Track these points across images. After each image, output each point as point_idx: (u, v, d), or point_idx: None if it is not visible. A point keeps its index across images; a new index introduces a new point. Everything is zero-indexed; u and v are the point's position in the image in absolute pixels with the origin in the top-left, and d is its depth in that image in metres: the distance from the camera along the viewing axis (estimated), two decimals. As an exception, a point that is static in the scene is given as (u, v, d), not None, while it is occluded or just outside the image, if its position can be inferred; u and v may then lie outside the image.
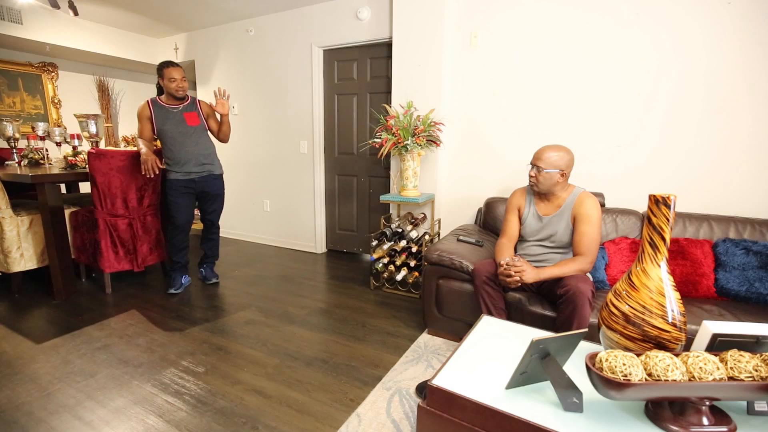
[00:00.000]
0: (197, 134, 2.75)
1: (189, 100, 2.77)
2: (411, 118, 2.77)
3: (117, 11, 3.84)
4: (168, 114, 2.67)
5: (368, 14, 3.26)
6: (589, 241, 1.76)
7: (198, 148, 2.75)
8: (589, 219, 1.77)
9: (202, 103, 2.82)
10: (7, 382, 1.81)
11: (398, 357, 2.05)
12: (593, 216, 1.77)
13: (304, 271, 3.44)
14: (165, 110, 2.68)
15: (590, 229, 1.76)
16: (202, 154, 2.78)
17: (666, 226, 0.94)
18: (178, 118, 2.68)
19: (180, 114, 2.69)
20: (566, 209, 1.85)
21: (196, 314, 2.54)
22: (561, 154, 1.81)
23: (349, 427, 1.54)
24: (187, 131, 2.71)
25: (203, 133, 2.80)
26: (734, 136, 2.20)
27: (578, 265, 1.74)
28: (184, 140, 2.70)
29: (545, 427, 0.84)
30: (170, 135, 2.67)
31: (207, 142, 2.83)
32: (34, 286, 2.97)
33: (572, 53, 2.52)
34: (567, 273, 1.73)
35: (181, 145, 2.70)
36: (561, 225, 1.87)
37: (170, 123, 2.67)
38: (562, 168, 1.81)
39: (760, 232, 2.01)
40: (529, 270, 1.73)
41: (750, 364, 0.80)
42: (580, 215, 1.79)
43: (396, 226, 2.89)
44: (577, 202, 1.82)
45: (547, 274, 1.74)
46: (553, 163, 1.80)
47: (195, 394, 1.73)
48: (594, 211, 1.77)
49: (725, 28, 2.15)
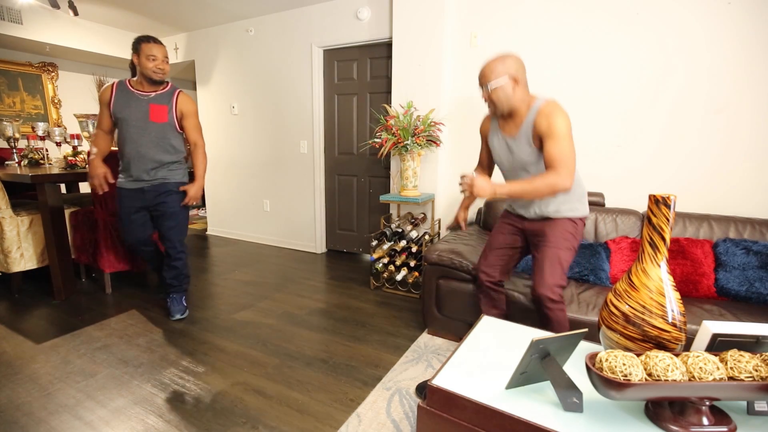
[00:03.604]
0: (159, 134, 2.21)
1: (166, 90, 2.24)
2: (411, 118, 2.77)
3: (117, 11, 3.84)
4: (131, 100, 2.16)
5: (368, 14, 3.26)
6: (558, 153, 1.46)
7: (154, 151, 2.21)
8: (551, 134, 1.47)
9: (182, 97, 2.27)
10: (7, 382, 1.81)
11: (398, 357, 2.04)
12: (556, 128, 1.46)
13: (304, 271, 3.44)
14: (129, 95, 2.16)
15: (556, 142, 1.46)
16: (159, 159, 2.23)
17: (666, 226, 0.93)
18: (141, 107, 2.16)
19: (146, 104, 2.17)
20: (526, 129, 1.57)
21: (195, 314, 2.53)
22: (501, 59, 1.54)
23: (349, 427, 1.54)
24: (147, 127, 2.17)
25: (169, 135, 2.25)
26: (735, 136, 2.20)
27: (549, 179, 1.45)
28: (139, 137, 2.17)
29: (545, 427, 0.84)
30: (125, 126, 2.16)
31: (171, 146, 2.26)
32: (34, 286, 2.97)
33: (572, 53, 2.52)
34: (535, 190, 1.47)
35: (133, 142, 2.17)
36: (523, 149, 1.60)
37: (129, 111, 2.15)
38: (510, 73, 1.52)
39: (760, 232, 2.01)
40: (484, 184, 1.47)
41: (750, 364, 0.80)
42: (542, 133, 1.50)
43: (396, 226, 2.89)
44: (537, 118, 1.51)
45: (506, 190, 1.49)
46: (498, 72, 1.53)
47: (195, 394, 1.73)
48: (557, 121, 1.47)
49: (727, 28, 2.15)
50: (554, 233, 1.64)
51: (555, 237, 1.63)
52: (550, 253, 1.61)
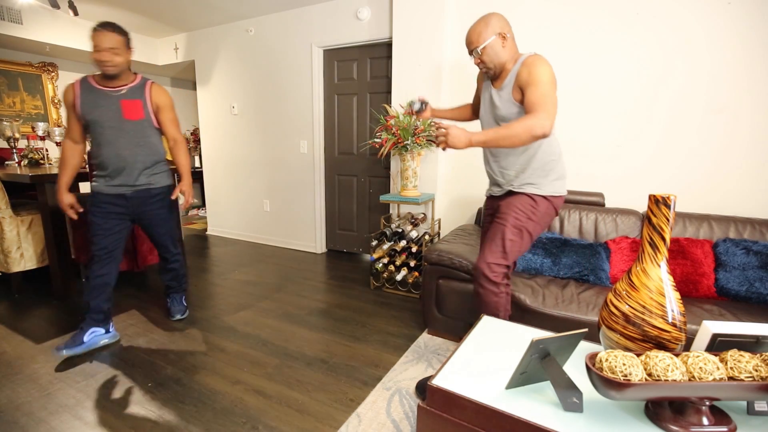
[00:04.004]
0: (138, 132, 2.01)
1: (136, 82, 2.00)
2: (411, 118, 2.77)
3: (117, 11, 3.84)
4: (99, 99, 1.93)
5: (368, 14, 3.26)
6: (537, 96, 1.37)
7: (136, 153, 2.01)
8: (532, 81, 1.40)
9: (155, 89, 2.05)
10: (7, 382, 1.81)
11: (398, 357, 2.04)
12: (537, 75, 1.39)
13: (304, 271, 3.44)
14: (96, 93, 1.93)
15: (536, 88, 1.38)
16: (142, 161, 2.04)
17: (666, 226, 0.93)
18: (113, 106, 1.94)
19: (117, 101, 1.94)
20: (509, 81, 1.51)
21: (196, 314, 2.53)
22: (485, 20, 1.50)
23: (349, 427, 1.54)
24: (124, 126, 1.97)
25: (148, 132, 2.05)
26: (735, 136, 2.20)
27: (526, 120, 1.35)
28: (116, 138, 1.97)
29: (545, 427, 0.84)
30: (98, 129, 1.95)
31: (152, 144, 2.08)
32: (34, 286, 2.97)
33: (572, 53, 2.52)
34: (511, 134, 1.36)
35: (110, 144, 1.96)
36: (505, 104, 1.53)
37: (101, 112, 1.93)
38: (497, 31, 1.49)
39: (760, 232, 2.01)
40: (459, 133, 1.40)
41: (750, 364, 0.80)
42: (523, 83, 1.43)
43: (396, 226, 2.89)
44: (520, 69, 1.46)
45: (481, 138, 1.40)
46: (485, 34, 1.49)
47: (195, 394, 1.73)
48: (538, 69, 1.40)
49: (727, 28, 2.15)
50: (507, 208, 1.56)
51: (506, 212, 1.56)
52: (495, 228, 1.55)
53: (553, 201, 1.59)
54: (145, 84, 2.03)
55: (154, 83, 2.07)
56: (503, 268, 1.54)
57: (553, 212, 1.62)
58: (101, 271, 2.06)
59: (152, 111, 2.04)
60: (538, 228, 1.58)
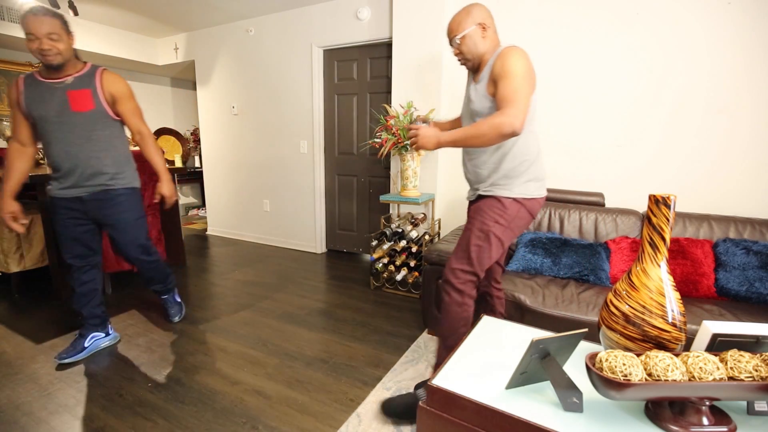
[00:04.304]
0: (88, 125, 1.77)
1: (84, 70, 1.78)
2: (411, 118, 2.77)
3: (117, 11, 3.84)
4: (43, 92, 1.73)
5: (368, 14, 3.26)
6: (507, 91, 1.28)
7: (87, 149, 1.78)
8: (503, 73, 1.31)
9: (107, 76, 1.82)
10: (7, 382, 1.81)
11: (398, 357, 2.04)
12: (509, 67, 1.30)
13: (304, 271, 3.44)
14: (40, 87, 1.73)
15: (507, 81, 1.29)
16: (96, 157, 1.80)
17: (666, 226, 0.93)
18: (59, 98, 1.73)
19: (62, 92, 1.73)
20: (485, 74, 1.42)
21: (196, 314, 2.54)
22: (466, 10, 1.44)
23: (349, 427, 1.54)
24: (72, 120, 1.74)
25: (100, 124, 1.81)
26: (735, 136, 2.20)
27: (494, 118, 1.27)
28: (64, 134, 1.75)
29: (545, 427, 0.84)
30: (45, 125, 1.74)
31: (107, 138, 1.83)
32: (34, 286, 2.97)
33: (573, 53, 2.52)
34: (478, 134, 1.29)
35: (58, 141, 1.75)
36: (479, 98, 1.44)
37: (45, 106, 1.72)
38: (477, 20, 1.42)
39: (760, 232, 2.01)
40: (429, 134, 1.38)
41: (750, 364, 0.80)
42: (496, 75, 1.34)
43: (396, 226, 2.89)
44: (495, 61, 1.37)
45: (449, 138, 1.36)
46: (465, 23, 1.43)
47: (195, 394, 1.73)
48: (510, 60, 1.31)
49: (727, 28, 2.15)
50: (475, 212, 1.49)
51: (473, 216, 1.49)
52: (463, 235, 1.50)
53: (526, 204, 1.47)
54: (95, 72, 1.80)
55: (106, 70, 1.84)
56: (469, 275, 1.46)
57: (526, 216, 1.49)
58: (83, 278, 1.96)
59: (105, 101, 1.80)
60: (509, 233, 1.47)
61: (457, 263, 1.47)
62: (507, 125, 1.25)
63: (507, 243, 1.49)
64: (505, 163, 1.46)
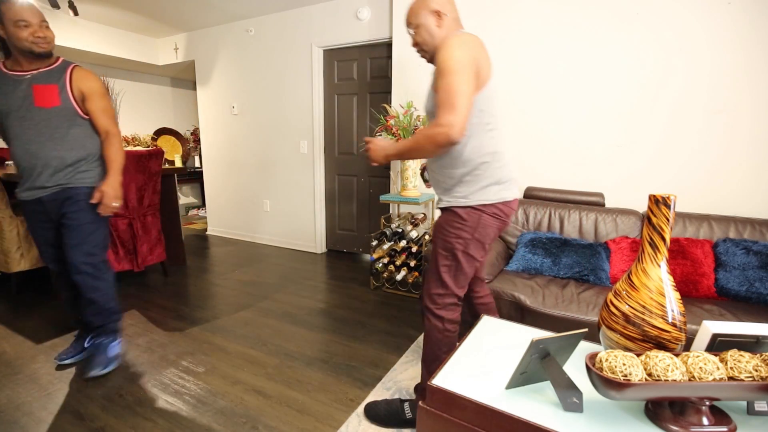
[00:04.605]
0: (51, 123, 1.66)
1: (54, 65, 1.70)
2: (411, 118, 2.77)
3: (117, 11, 3.84)
4: (6, 85, 1.64)
5: (368, 14, 3.26)
6: (441, 93, 1.15)
7: (48, 148, 1.66)
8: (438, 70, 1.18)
9: (78, 72, 1.72)
10: (7, 382, 1.81)
11: (398, 357, 2.04)
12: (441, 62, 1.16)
13: (304, 271, 3.44)
14: (4, 80, 1.64)
15: (441, 80, 1.16)
16: (57, 157, 1.68)
17: (666, 226, 0.93)
18: (22, 92, 1.63)
19: (27, 86, 1.63)
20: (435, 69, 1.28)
21: (196, 314, 2.53)
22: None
23: (349, 427, 1.54)
24: (34, 116, 1.64)
25: (65, 122, 1.69)
26: (735, 137, 2.20)
27: (428, 128, 1.18)
28: (24, 131, 1.64)
29: (545, 427, 0.84)
30: (6, 120, 1.65)
31: (73, 137, 1.71)
32: (34, 286, 2.97)
33: (573, 53, 2.52)
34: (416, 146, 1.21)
35: (18, 138, 1.65)
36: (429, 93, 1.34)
37: (7, 99, 1.63)
38: (432, 8, 1.29)
39: (760, 232, 2.01)
40: (377, 147, 1.32)
41: (750, 364, 0.80)
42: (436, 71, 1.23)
43: (396, 226, 2.89)
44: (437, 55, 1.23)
45: (394, 150, 1.29)
46: (420, 12, 1.31)
47: (195, 394, 1.73)
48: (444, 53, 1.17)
49: (727, 28, 2.15)
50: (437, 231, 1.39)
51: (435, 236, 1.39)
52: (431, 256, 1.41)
53: (487, 210, 1.33)
54: (66, 67, 1.70)
55: (78, 66, 1.74)
56: (448, 298, 1.38)
57: (492, 222, 1.34)
58: (69, 283, 1.88)
59: (74, 98, 1.69)
60: (476, 244, 1.34)
61: (433, 288, 1.38)
62: (442, 136, 1.13)
63: (479, 255, 1.37)
64: (458, 169, 1.32)
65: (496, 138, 1.33)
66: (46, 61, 1.69)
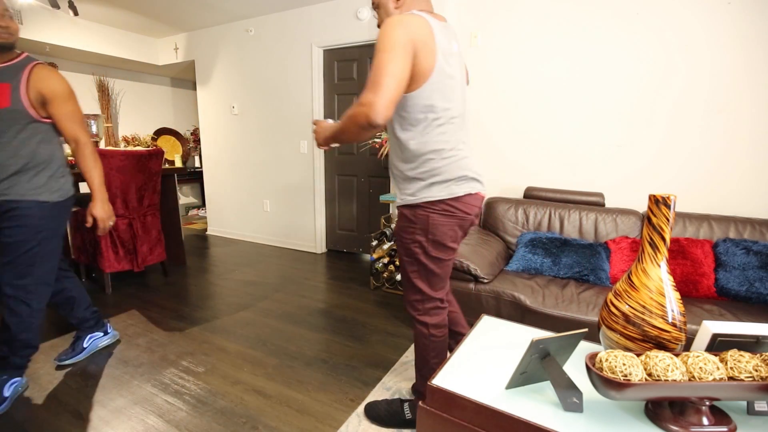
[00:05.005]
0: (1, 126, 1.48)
1: (12, 62, 1.52)
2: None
3: (117, 11, 3.84)
4: None
5: (368, 14, 3.26)
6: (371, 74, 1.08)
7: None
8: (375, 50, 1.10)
9: (39, 71, 1.53)
10: (7, 382, 1.81)
11: (398, 357, 2.04)
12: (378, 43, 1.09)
13: (304, 271, 3.44)
14: None
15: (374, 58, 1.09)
16: (3, 165, 1.50)
17: (666, 226, 0.93)
18: None
19: None
20: None
21: (196, 314, 2.53)
22: None
23: (349, 427, 1.54)
24: None
25: (15, 126, 1.50)
26: (735, 136, 2.20)
27: (351, 108, 1.11)
28: None
29: (545, 427, 0.84)
30: None
31: (19, 143, 1.52)
32: (34, 286, 2.97)
33: (574, 53, 2.52)
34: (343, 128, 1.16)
35: None
36: None
37: None
38: None
39: (760, 232, 2.01)
40: (319, 131, 1.28)
41: (750, 364, 0.80)
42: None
43: (396, 226, 2.89)
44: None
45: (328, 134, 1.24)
46: None
47: (195, 394, 1.73)
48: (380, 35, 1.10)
49: (727, 28, 2.15)
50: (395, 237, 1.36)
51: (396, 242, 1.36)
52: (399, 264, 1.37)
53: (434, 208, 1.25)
54: (25, 65, 1.51)
55: (40, 64, 1.55)
56: (427, 302, 1.34)
57: (443, 221, 1.26)
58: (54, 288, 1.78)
59: (29, 100, 1.50)
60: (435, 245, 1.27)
61: (410, 295, 1.36)
62: (361, 116, 1.05)
63: (444, 255, 1.30)
64: (406, 164, 1.26)
65: (448, 133, 1.24)
66: (5, 56, 1.51)
